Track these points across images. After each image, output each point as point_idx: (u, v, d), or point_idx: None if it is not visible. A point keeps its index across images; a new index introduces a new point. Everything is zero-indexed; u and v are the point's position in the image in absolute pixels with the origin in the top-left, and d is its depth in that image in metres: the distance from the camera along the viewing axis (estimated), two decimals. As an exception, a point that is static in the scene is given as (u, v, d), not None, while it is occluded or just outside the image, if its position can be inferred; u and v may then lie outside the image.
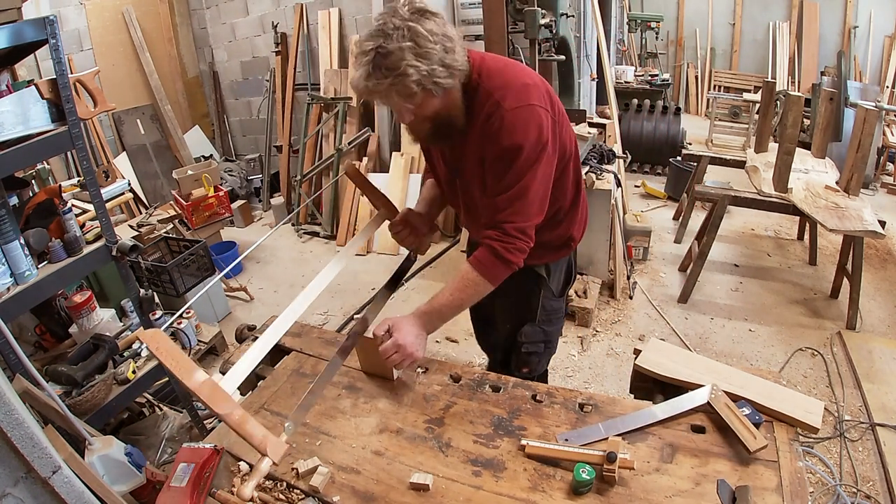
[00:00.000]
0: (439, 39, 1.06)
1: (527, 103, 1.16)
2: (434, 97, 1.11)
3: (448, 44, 1.08)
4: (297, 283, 3.60)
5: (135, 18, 4.50)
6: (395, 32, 1.03)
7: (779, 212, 2.86)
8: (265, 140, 4.96)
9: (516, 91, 1.17)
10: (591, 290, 2.94)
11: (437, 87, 1.08)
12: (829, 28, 6.49)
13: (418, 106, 1.12)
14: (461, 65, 1.12)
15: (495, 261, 1.23)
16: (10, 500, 0.80)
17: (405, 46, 1.02)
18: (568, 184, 1.40)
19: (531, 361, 1.62)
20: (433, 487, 1.04)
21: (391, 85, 1.05)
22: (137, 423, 2.02)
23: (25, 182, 1.77)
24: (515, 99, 1.16)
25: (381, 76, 1.04)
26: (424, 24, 1.05)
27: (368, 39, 1.05)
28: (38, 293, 1.48)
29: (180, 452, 1.10)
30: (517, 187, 1.19)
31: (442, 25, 1.09)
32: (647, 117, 5.02)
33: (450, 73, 1.09)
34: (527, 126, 1.16)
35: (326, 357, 1.45)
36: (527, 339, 1.58)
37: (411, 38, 1.03)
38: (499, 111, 1.16)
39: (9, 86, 1.55)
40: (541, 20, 2.80)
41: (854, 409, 2.22)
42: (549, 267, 1.52)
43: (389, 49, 1.02)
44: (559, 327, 1.68)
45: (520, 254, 1.23)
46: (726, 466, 1.03)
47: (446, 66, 1.08)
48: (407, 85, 1.05)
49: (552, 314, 1.60)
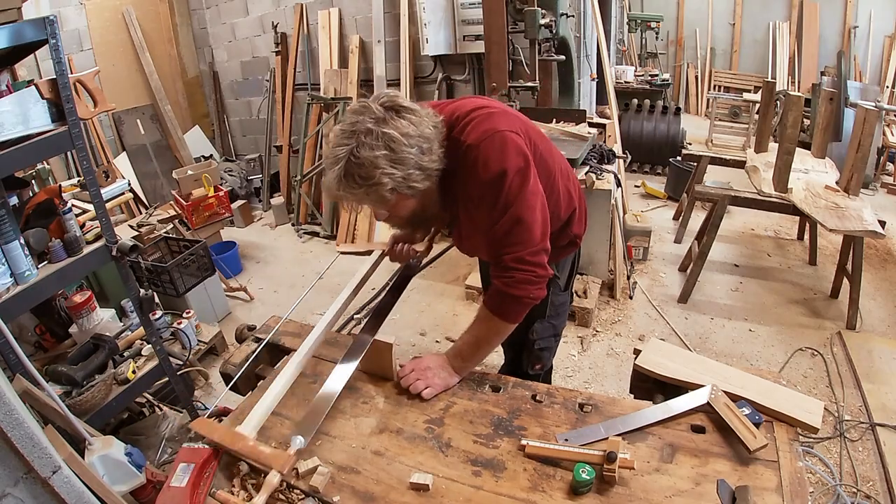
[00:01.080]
0: (415, 142, 1.02)
1: (494, 130, 1.13)
2: (409, 198, 1.08)
3: (424, 145, 1.04)
4: (297, 284, 3.60)
5: (135, 18, 4.50)
6: (367, 138, 0.98)
7: (779, 212, 2.86)
8: (265, 140, 4.96)
9: (480, 123, 1.14)
10: (591, 290, 2.94)
11: (413, 190, 1.05)
12: (829, 28, 6.49)
13: (393, 207, 1.09)
14: (438, 163, 1.08)
15: (500, 296, 1.21)
16: (10, 500, 0.80)
17: (378, 156, 0.98)
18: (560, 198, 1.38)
19: (543, 357, 1.67)
20: (433, 487, 1.04)
21: (365, 193, 1.02)
22: (137, 423, 2.02)
23: (25, 182, 1.78)
24: (482, 132, 1.12)
25: (354, 185, 1.00)
26: (399, 126, 1.00)
27: (340, 144, 1.00)
28: (38, 293, 1.48)
29: (180, 452, 1.10)
30: (509, 214, 1.14)
31: (418, 123, 1.04)
32: (647, 117, 5.02)
33: (426, 175, 1.06)
34: (501, 151, 1.12)
35: (326, 357, 1.45)
36: (538, 336, 1.62)
37: (385, 144, 0.98)
38: (470, 151, 1.12)
39: (9, 86, 1.56)
40: (541, 20, 2.80)
41: (854, 409, 2.22)
42: (557, 265, 1.55)
43: (362, 158, 0.98)
44: (565, 319, 1.72)
45: (525, 285, 1.18)
46: (726, 466, 1.03)
47: (422, 168, 1.04)
48: (381, 194, 1.01)
49: (560, 308, 1.64)
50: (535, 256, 1.18)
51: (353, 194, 1.03)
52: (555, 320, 1.63)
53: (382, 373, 1.35)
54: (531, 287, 1.20)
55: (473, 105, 1.20)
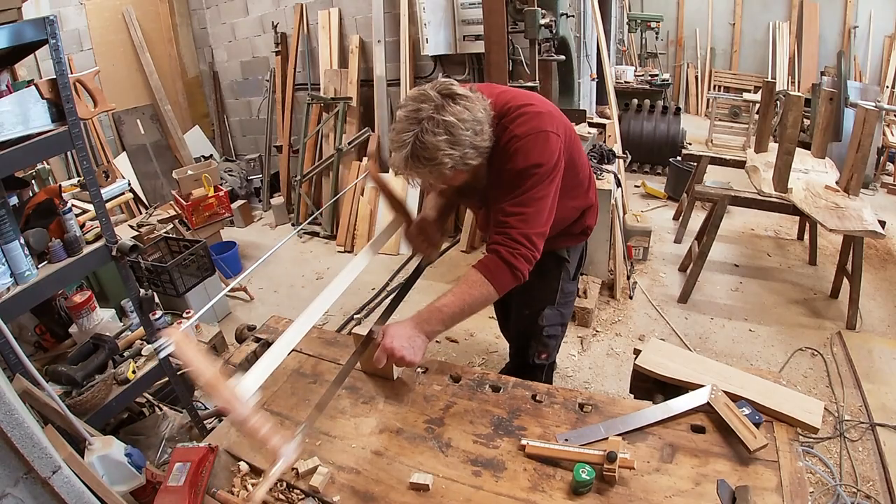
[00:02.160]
0: (469, 126, 1.15)
1: (540, 129, 1.25)
2: (464, 172, 1.21)
3: (477, 127, 1.17)
4: (297, 284, 3.60)
5: (135, 18, 4.50)
6: (429, 124, 1.12)
7: (779, 212, 2.86)
8: (265, 140, 4.96)
9: (530, 120, 1.26)
10: (591, 290, 2.94)
11: (468, 166, 1.19)
12: (829, 28, 6.49)
13: (449, 180, 1.23)
14: (489, 142, 1.22)
15: (499, 263, 1.26)
16: (10, 500, 0.80)
17: (440, 140, 1.12)
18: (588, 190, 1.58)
19: (550, 345, 1.74)
20: (433, 487, 1.04)
21: (429, 172, 1.17)
22: (137, 423, 2.02)
23: (25, 182, 1.77)
24: (529, 127, 1.25)
25: (419, 164, 1.15)
26: (456, 112, 1.14)
27: (405, 129, 1.14)
28: (38, 293, 1.48)
29: (174, 453, 1.10)
30: (526, 197, 1.26)
31: (472, 108, 1.17)
32: (647, 117, 5.02)
33: (479, 153, 1.20)
34: (542, 149, 1.25)
35: (326, 357, 1.45)
36: (547, 323, 1.67)
37: (445, 129, 1.12)
38: (514, 140, 1.25)
39: (9, 86, 1.55)
40: (541, 20, 2.80)
41: (854, 409, 2.22)
42: (568, 250, 1.64)
43: (425, 142, 1.12)
44: (571, 310, 1.81)
45: (524, 261, 1.26)
46: (726, 466, 1.03)
47: (476, 147, 1.18)
48: (442, 171, 1.16)
49: (568, 296, 1.72)
50: (539, 238, 1.28)
51: (418, 172, 1.18)
52: (563, 308, 1.70)
53: (382, 373, 1.35)
54: (527, 264, 1.28)
55: (526, 100, 1.31)
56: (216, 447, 1.15)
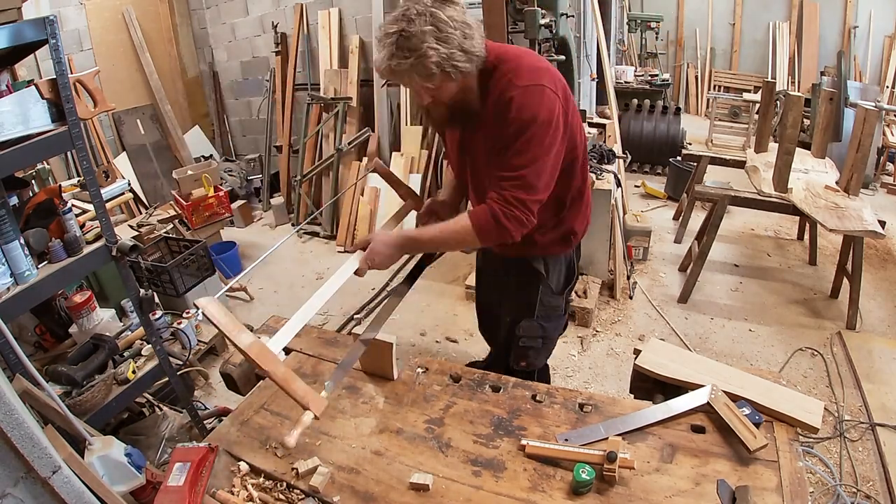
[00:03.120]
0: (459, 26, 1.13)
1: (538, 83, 1.21)
2: (452, 81, 1.17)
3: (467, 30, 1.15)
4: (297, 283, 3.60)
5: (135, 18, 4.50)
6: (417, 18, 1.10)
7: (779, 212, 2.86)
8: (265, 140, 4.96)
9: (528, 71, 1.22)
10: (591, 290, 2.94)
11: (456, 70, 1.15)
12: (829, 28, 6.49)
13: (437, 88, 1.18)
14: (478, 51, 1.18)
15: (489, 219, 1.23)
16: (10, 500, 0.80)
17: (426, 30, 1.09)
18: (574, 176, 1.43)
19: (528, 355, 1.65)
20: (433, 487, 1.04)
21: (412, 66, 1.12)
22: (137, 423, 2.02)
23: (25, 182, 1.77)
24: (528, 78, 1.21)
25: (402, 57, 1.11)
26: (445, 11, 1.12)
27: (392, 23, 1.12)
28: (38, 293, 1.48)
29: (174, 453, 1.10)
30: (524, 157, 1.21)
31: (462, 13, 1.15)
32: (647, 117, 5.01)
33: (468, 58, 1.16)
34: (539, 103, 1.20)
35: (326, 357, 1.46)
36: (524, 334, 1.61)
37: (433, 22, 1.10)
38: (510, 88, 1.21)
39: (9, 86, 1.55)
40: (541, 20, 2.80)
41: (854, 409, 2.22)
42: (547, 263, 1.53)
43: (411, 32, 1.09)
44: (558, 324, 1.69)
45: (516, 223, 1.23)
46: (726, 466, 1.04)
47: (465, 51, 1.14)
48: (427, 66, 1.11)
49: (551, 311, 1.61)
50: (534, 205, 1.24)
51: (401, 68, 1.13)
52: (544, 322, 1.60)
53: (382, 373, 1.35)
54: (520, 227, 1.24)
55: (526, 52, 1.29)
56: (216, 447, 1.15)
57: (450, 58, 1.12)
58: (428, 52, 1.10)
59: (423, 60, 1.10)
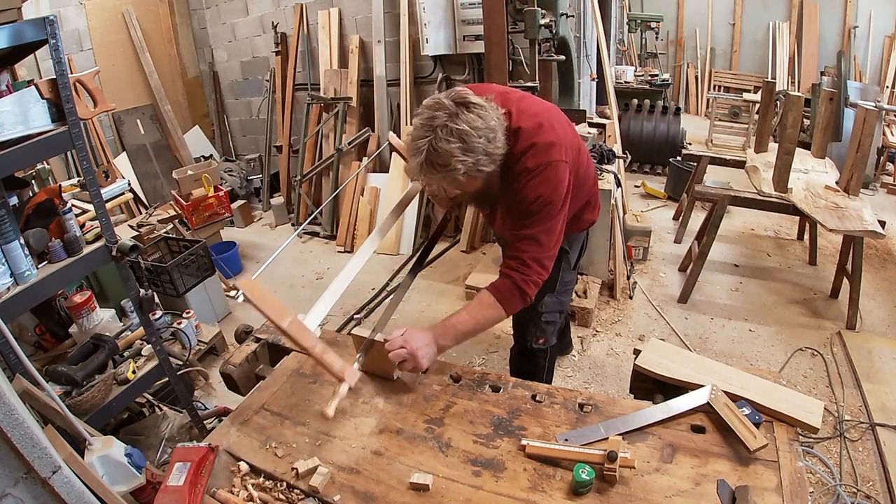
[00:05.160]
0: (483, 133, 1.19)
1: (550, 161, 1.31)
2: (477, 179, 1.26)
3: (490, 135, 1.21)
4: (297, 284, 3.60)
5: (135, 18, 4.50)
6: (443, 132, 1.16)
7: (779, 212, 2.85)
8: (265, 140, 4.96)
9: (543, 149, 1.31)
10: (591, 290, 2.94)
11: (481, 173, 1.24)
12: (829, 28, 6.49)
13: (463, 186, 1.27)
14: (502, 149, 1.26)
15: (512, 289, 1.36)
16: (10, 500, 0.80)
17: (454, 147, 1.17)
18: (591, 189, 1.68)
19: (548, 331, 1.82)
20: (433, 487, 1.04)
21: (442, 177, 1.22)
22: (137, 423, 2.02)
23: (25, 182, 1.77)
24: (542, 157, 1.31)
25: (433, 171, 1.21)
26: (469, 120, 1.18)
27: (420, 136, 1.19)
28: (38, 293, 1.48)
29: (174, 453, 1.10)
30: (539, 229, 1.36)
31: (485, 116, 1.20)
32: (647, 117, 5.01)
33: (491, 160, 1.24)
34: (553, 187, 1.33)
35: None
36: (546, 309, 1.76)
37: (459, 137, 1.17)
38: (525, 175, 1.33)
39: (9, 86, 1.55)
40: (541, 20, 2.80)
41: (854, 409, 2.22)
42: (569, 241, 1.70)
43: (439, 149, 1.17)
44: (570, 298, 1.95)
45: (534, 286, 1.37)
46: (726, 466, 1.03)
47: (489, 153, 1.22)
48: (455, 177, 1.21)
49: (567, 285, 1.81)
50: (548, 260, 1.39)
51: (432, 177, 1.23)
52: (562, 296, 1.79)
53: (382, 373, 1.35)
54: (536, 288, 1.38)
55: (534, 121, 1.34)
56: (216, 447, 1.15)
57: (476, 164, 1.20)
58: (456, 165, 1.18)
59: (452, 174, 1.19)
